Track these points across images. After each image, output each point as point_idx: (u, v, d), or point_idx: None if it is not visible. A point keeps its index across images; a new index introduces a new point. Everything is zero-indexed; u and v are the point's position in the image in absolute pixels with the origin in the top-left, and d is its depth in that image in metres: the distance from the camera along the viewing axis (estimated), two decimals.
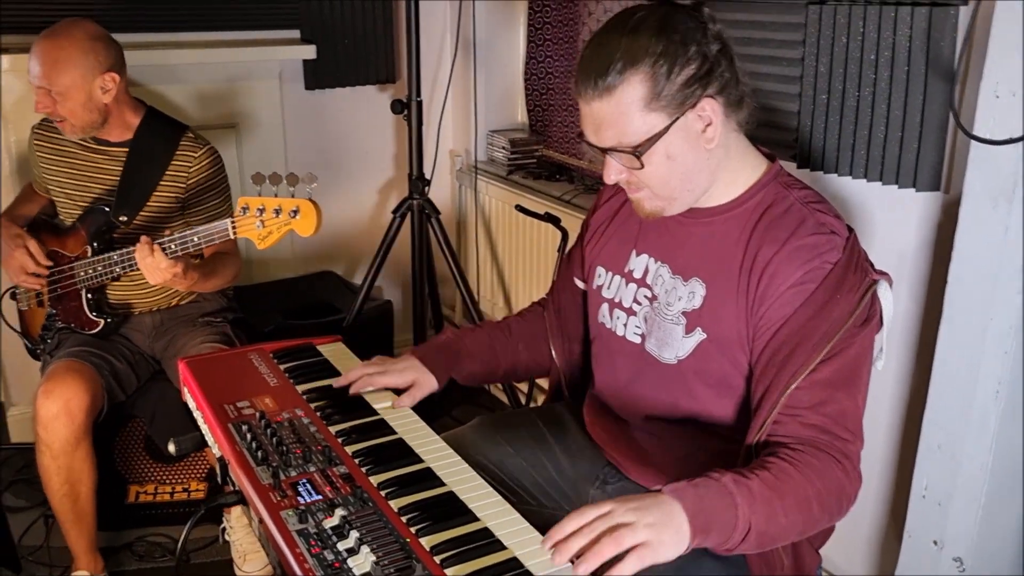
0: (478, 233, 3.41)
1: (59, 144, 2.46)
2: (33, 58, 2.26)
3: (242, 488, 1.41)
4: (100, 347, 2.43)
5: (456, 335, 1.82)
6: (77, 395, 2.25)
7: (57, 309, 2.47)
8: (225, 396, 1.64)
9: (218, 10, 3.05)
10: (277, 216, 2.03)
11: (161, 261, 2.11)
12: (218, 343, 2.42)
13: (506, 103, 3.45)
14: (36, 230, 2.47)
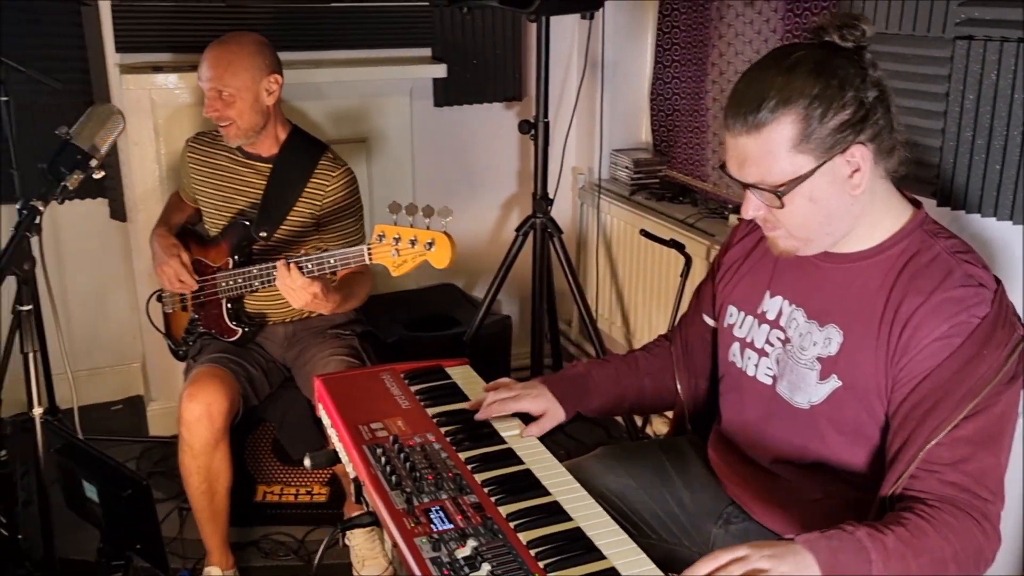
0: (598, 252, 3.42)
1: (210, 156, 2.60)
2: (206, 63, 2.42)
3: (376, 511, 1.47)
4: (238, 354, 2.56)
5: (585, 368, 1.84)
6: (217, 400, 2.37)
7: (199, 315, 2.61)
8: (360, 416, 1.70)
9: (355, 30, 3.16)
10: (412, 247, 2.08)
11: (297, 279, 2.18)
12: (346, 356, 2.51)
13: (630, 122, 3.45)
14: (183, 239, 2.62)
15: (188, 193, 2.72)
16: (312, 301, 2.24)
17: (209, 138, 2.63)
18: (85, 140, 1.78)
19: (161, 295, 2.75)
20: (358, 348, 2.58)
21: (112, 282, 3.34)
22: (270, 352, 2.65)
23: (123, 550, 1.67)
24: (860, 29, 1.40)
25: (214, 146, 2.60)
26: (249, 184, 2.57)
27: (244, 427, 2.71)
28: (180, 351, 2.73)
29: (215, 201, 2.61)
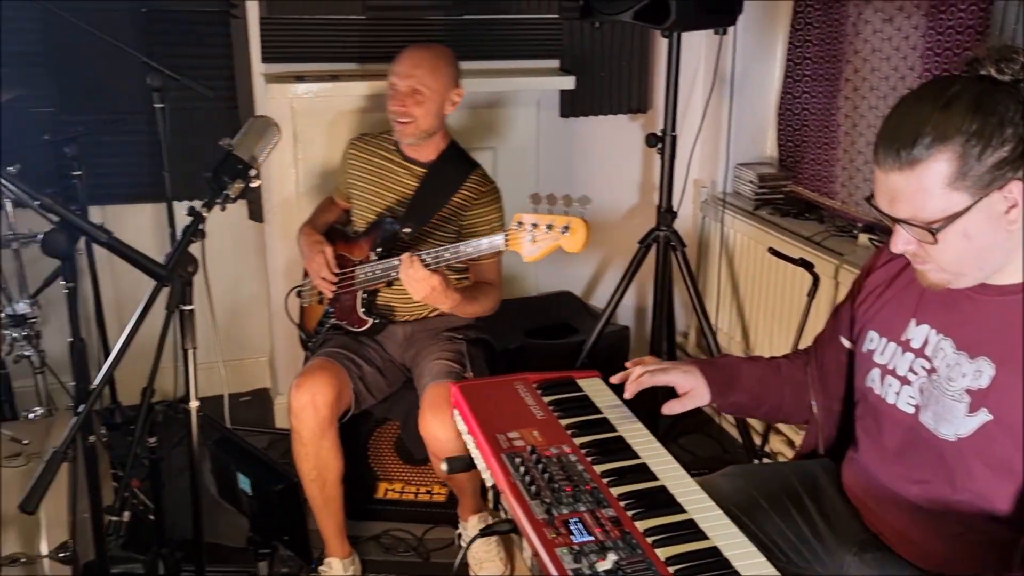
0: (720, 265, 3.40)
1: (371, 155, 2.74)
2: (408, 61, 2.57)
3: (516, 519, 1.52)
4: (355, 351, 2.65)
5: (736, 362, 1.85)
6: (323, 391, 2.47)
7: (334, 307, 2.72)
8: (496, 425, 1.75)
9: (487, 42, 3.24)
10: (548, 231, 2.16)
11: (419, 270, 2.31)
12: (450, 361, 2.57)
13: (756, 136, 3.42)
14: (330, 237, 2.75)
15: (343, 192, 2.84)
16: (431, 294, 2.35)
17: (372, 139, 2.77)
18: (245, 151, 1.88)
19: (300, 290, 2.87)
20: (464, 353, 2.63)
21: (245, 279, 3.50)
22: (390, 352, 2.74)
23: (270, 540, 1.76)
24: (1018, 62, 1.36)
25: (376, 146, 2.74)
26: (402, 184, 2.69)
27: (367, 426, 2.82)
28: (310, 342, 2.85)
29: (367, 196, 2.73)
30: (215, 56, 3.24)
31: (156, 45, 3.12)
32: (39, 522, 2.07)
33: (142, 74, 2.93)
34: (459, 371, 2.54)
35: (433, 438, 2.43)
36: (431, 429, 2.42)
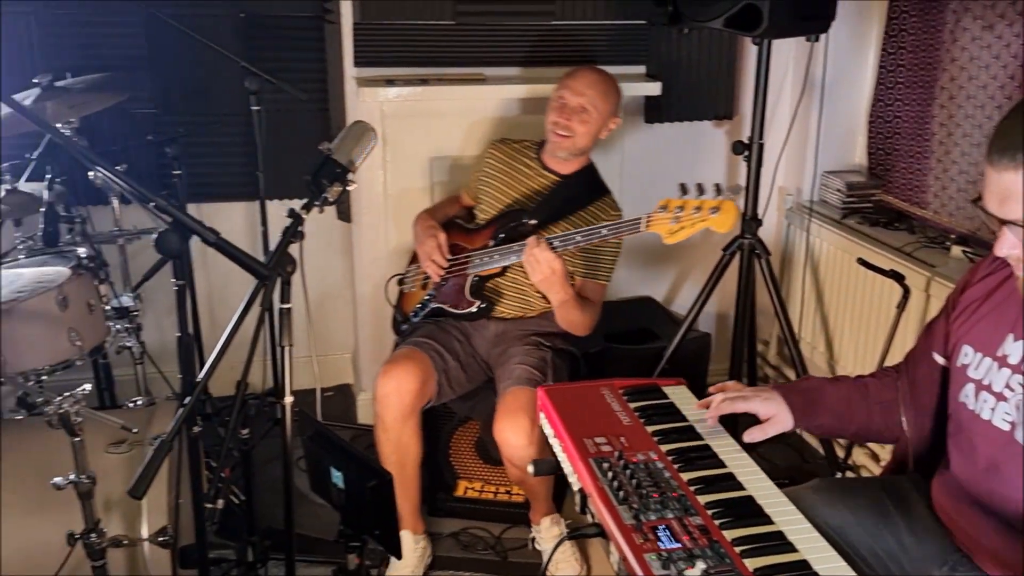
0: (805, 274, 3.36)
1: (511, 159, 2.83)
2: (584, 80, 2.67)
3: (603, 524, 1.54)
4: (442, 343, 2.71)
5: (818, 383, 1.85)
6: (408, 379, 2.56)
7: (437, 292, 2.79)
8: (584, 430, 1.77)
9: (574, 47, 3.26)
10: (696, 213, 2.28)
11: (545, 251, 2.42)
12: (533, 368, 2.61)
13: (844, 144, 3.37)
14: (446, 228, 2.82)
15: (472, 190, 2.92)
16: (550, 277, 2.45)
17: (514, 143, 2.87)
18: (343, 155, 1.93)
19: (403, 279, 2.95)
20: (548, 362, 2.66)
21: (331, 277, 3.58)
22: (476, 347, 2.79)
23: (361, 533, 1.82)
24: None
25: (517, 151, 2.84)
26: (534, 190, 2.77)
27: (450, 425, 2.87)
28: (403, 326, 2.91)
29: (496, 194, 2.80)
30: (308, 60, 3.33)
31: (253, 49, 3.22)
32: (141, 507, 2.17)
33: (239, 77, 3.03)
34: (540, 379, 2.58)
35: (505, 443, 2.47)
36: (504, 434, 2.46)
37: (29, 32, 3.15)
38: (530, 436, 2.43)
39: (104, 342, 2.55)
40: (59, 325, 2.37)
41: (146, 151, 3.23)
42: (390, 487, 1.68)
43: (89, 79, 2.74)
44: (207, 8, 3.21)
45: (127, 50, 3.24)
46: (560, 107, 2.67)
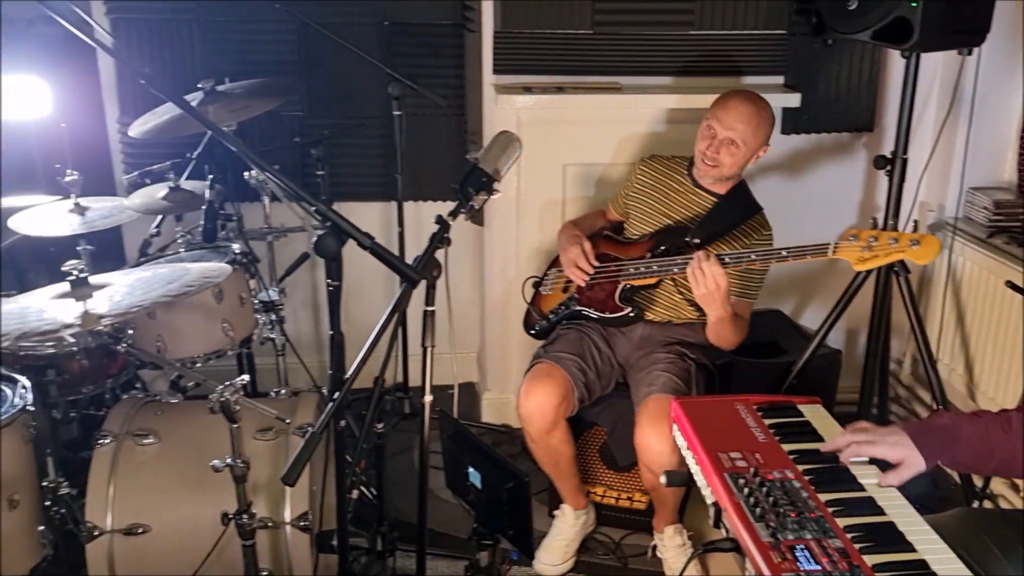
0: (945, 293, 3.25)
1: (662, 176, 2.84)
2: (736, 113, 2.63)
3: (740, 540, 1.55)
4: (579, 353, 2.73)
5: (953, 421, 1.79)
6: (549, 399, 2.61)
7: (582, 295, 2.82)
8: (718, 444, 1.78)
9: (712, 57, 3.24)
10: (893, 244, 2.30)
11: (714, 265, 2.43)
12: (677, 378, 2.61)
13: (993, 160, 3.24)
14: (594, 238, 2.86)
15: (619, 206, 2.94)
16: (713, 292, 2.46)
17: (664, 160, 2.88)
18: (489, 164, 1.99)
19: (539, 281, 3.00)
20: (691, 374, 2.67)
21: (460, 278, 3.67)
22: (616, 350, 2.81)
23: (494, 533, 1.88)
24: None
25: (668, 168, 2.85)
26: (689, 208, 2.77)
27: (576, 429, 2.90)
28: (537, 326, 2.96)
29: (649, 212, 2.82)
30: (447, 67, 3.43)
31: (395, 56, 3.34)
32: (284, 492, 2.29)
33: (382, 83, 3.15)
34: (684, 390, 2.60)
35: (647, 448, 2.49)
36: (647, 440, 2.48)
37: (191, 38, 3.36)
38: (673, 444, 2.43)
39: (253, 334, 2.70)
40: (215, 317, 2.53)
41: (292, 152, 3.39)
42: (527, 490, 1.73)
43: (247, 84, 2.90)
44: (354, 16, 3.35)
45: (279, 56, 3.40)
46: (709, 136, 2.66)
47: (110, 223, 2.70)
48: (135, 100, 3.43)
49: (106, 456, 2.31)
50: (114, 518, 2.26)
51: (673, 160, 2.87)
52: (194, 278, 1.96)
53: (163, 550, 2.26)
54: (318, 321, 3.78)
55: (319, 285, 3.70)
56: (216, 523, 2.16)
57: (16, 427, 2.18)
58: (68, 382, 2.55)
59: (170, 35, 3.36)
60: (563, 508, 2.84)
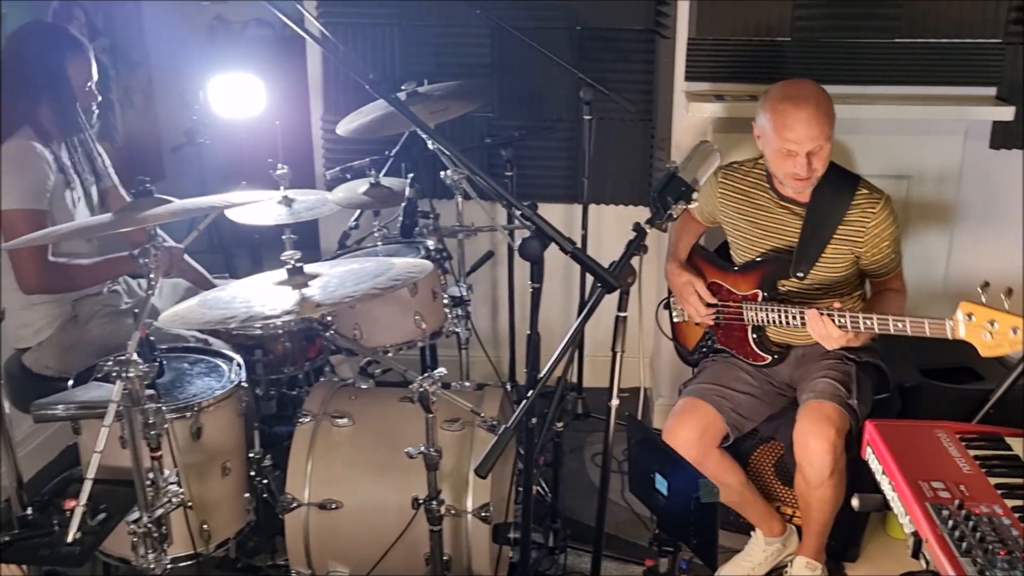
0: None
1: (744, 188, 2.70)
2: (805, 124, 2.41)
3: (942, 573, 1.50)
4: (727, 383, 2.68)
5: None
6: (693, 433, 2.58)
7: (717, 334, 2.79)
8: (919, 471, 1.73)
9: (916, 66, 3.11)
10: (1015, 334, 2.02)
11: (833, 331, 2.35)
12: (837, 382, 2.53)
13: None
14: (702, 259, 2.82)
15: (705, 213, 2.84)
16: (835, 343, 2.39)
17: (743, 168, 2.73)
18: (688, 173, 2.00)
19: (669, 303, 2.97)
20: (852, 377, 2.57)
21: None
22: (774, 375, 2.74)
23: (677, 540, 1.89)
24: None
25: (747, 180, 2.70)
26: (784, 225, 2.64)
27: (751, 443, 2.86)
28: (692, 358, 2.94)
29: (745, 234, 2.71)
30: (637, 72, 3.45)
31: (586, 60, 3.38)
32: (467, 483, 2.38)
33: (573, 86, 3.20)
34: (844, 395, 2.51)
35: (804, 446, 2.44)
36: (805, 437, 2.43)
37: (392, 40, 3.52)
38: (833, 446, 2.39)
39: (442, 327, 2.81)
40: (408, 309, 2.66)
41: (481, 152, 3.50)
42: (716, 500, 1.73)
43: (445, 86, 3.02)
44: (547, 21, 3.42)
45: (472, 58, 3.52)
46: (792, 157, 2.46)
47: (313, 215, 2.87)
48: (338, 99, 3.64)
49: (306, 434, 2.46)
50: (310, 492, 2.41)
51: (751, 171, 2.69)
52: (399, 273, 2.06)
53: (353, 526, 2.40)
54: (495, 317, 3.89)
55: (499, 282, 3.80)
56: (404, 506, 2.27)
57: (232, 401, 2.36)
58: (272, 362, 2.74)
59: (373, 38, 3.54)
60: (756, 532, 2.81)
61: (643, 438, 1.92)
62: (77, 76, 2.70)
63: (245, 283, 2.11)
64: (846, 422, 2.45)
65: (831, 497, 2.48)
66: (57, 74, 2.67)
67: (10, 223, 2.54)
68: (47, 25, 3.23)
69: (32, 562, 2.03)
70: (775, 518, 2.79)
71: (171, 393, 2.32)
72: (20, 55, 2.70)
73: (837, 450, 2.40)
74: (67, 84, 2.68)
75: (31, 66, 2.66)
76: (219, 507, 2.36)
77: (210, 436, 2.30)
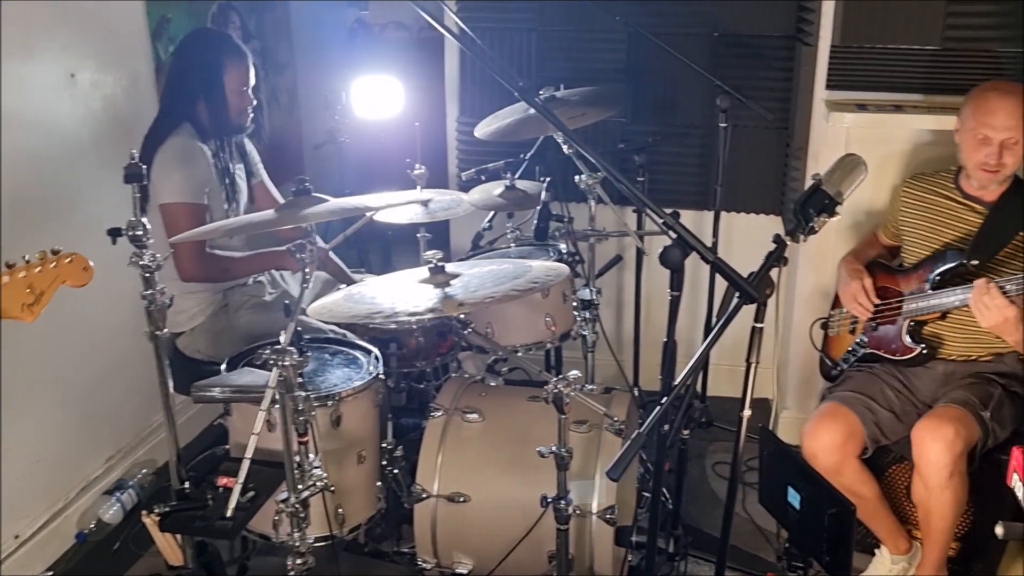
0: None
1: (927, 195, 2.74)
2: (1002, 112, 2.49)
3: None
4: (871, 394, 2.65)
5: None
6: (832, 437, 2.55)
7: (869, 337, 2.75)
8: None
9: None
10: None
11: (996, 297, 2.31)
12: (972, 395, 2.47)
13: None
14: (870, 269, 2.80)
15: (890, 230, 2.87)
16: (1002, 324, 2.33)
17: (928, 178, 2.77)
18: (833, 186, 1.97)
19: (827, 322, 2.94)
20: (993, 396, 2.51)
21: None
22: (917, 390, 2.69)
23: (808, 555, 1.87)
24: None
25: (933, 185, 2.74)
26: (962, 221, 2.65)
27: (885, 460, 2.79)
28: (833, 371, 2.90)
29: (921, 234, 2.73)
30: (775, 80, 3.41)
31: (721, 67, 3.36)
32: (593, 484, 2.41)
33: (705, 93, 3.19)
34: (977, 405, 2.45)
35: (920, 441, 2.40)
36: (921, 433, 2.41)
37: (529, 45, 3.58)
38: (951, 445, 2.35)
39: (571, 329, 2.85)
40: (539, 310, 2.71)
41: (613, 157, 3.52)
42: (851, 518, 1.71)
43: (582, 92, 3.05)
44: (685, 27, 3.41)
45: (607, 64, 3.55)
46: (983, 142, 2.51)
47: (448, 215, 2.96)
48: (473, 101, 3.73)
49: (437, 427, 2.55)
50: (440, 484, 2.49)
51: (938, 175, 2.74)
52: (537, 276, 2.10)
53: (479, 520, 2.46)
54: (619, 321, 3.91)
55: (624, 286, 3.81)
56: (530, 503, 2.31)
57: (369, 392, 2.46)
58: (405, 356, 2.84)
59: (510, 42, 3.61)
60: (881, 549, 2.76)
61: (775, 449, 1.90)
62: (232, 80, 2.86)
63: (388, 280, 2.20)
64: (972, 431, 2.41)
65: (951, 502, 2.42)
66: (214, 77, 2.83)
67: (172, 216, 2.71)
68: (214, 32, 3.43)
69: (188, 532, 2.17)
70: (903, 535, 2.73)
71: (313, 382, 2.44)
72: (185, 57, 2.88)
73: (955, 450, 2.35)
74: (221, 87, 2.84)
75: (193, 68, 2.84)
76: (354, 493, 2.46)
77: (348, 425, 2.40)
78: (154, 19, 3.28)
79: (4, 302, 1.58)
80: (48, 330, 2.89)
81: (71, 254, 1.73)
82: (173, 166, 2.73)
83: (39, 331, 2.83)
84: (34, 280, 1.64)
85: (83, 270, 1.74)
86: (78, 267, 1.72)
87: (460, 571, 2.51)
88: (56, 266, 1.69)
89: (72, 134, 2.95)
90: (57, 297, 2.85)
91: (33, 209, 2.78)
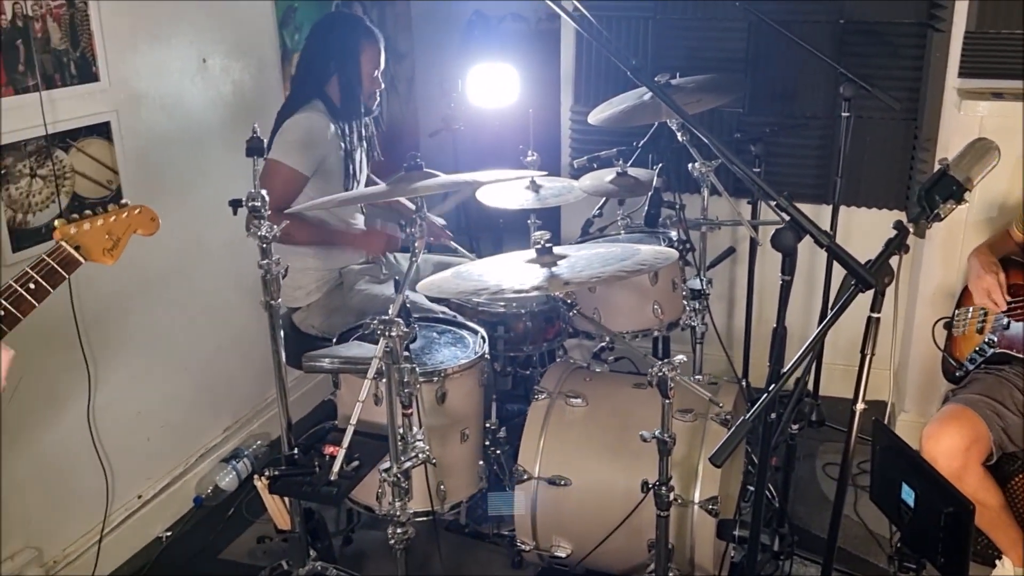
0: None
1: None
2: None
3: None
4: (998, 397, 2.51)
5: None
6: (955, 441, 2.41)
7: (999, 336, 2.62)
8: None
9: None
10: None
11: None
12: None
13: None
14: (1003, 265, 2.66)
15: (1021, 223, 2.72)
16: None
17: None
18: (961, 172, 1.87)
19: (950, 322, 2.81)
20: None
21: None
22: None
23: (922, 556, 1.79)
24: None
25: None
26: None
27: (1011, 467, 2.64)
28: (957, 372, 2.76)
29: None
30: (903, 68, 3.27)
31: (846, 56, 3.24)
32: (696, 473, 2.37)
33: (830, 82, 3.08)
34: None
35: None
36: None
37: (647, 34, 3.54)
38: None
39: (679, 318, 2.80)
40: (647, 297, 2.68)
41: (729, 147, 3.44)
42: (970, 518, 1.63)
43: (698, 79, 3.00)
44: (810, 15, 3.32)
45: (726, 53, 3.48)
46: None
47: (559, 201, 2.96)
48: (587, 90, 3.72)
49: (540, 410, 2.55)
50: (541, 467, 2.49)
51: None
52: (645, 258, 2.08)
53: (579, 504, 2.45)
54: (731, 315, 3.82)
55: (737, 280, 3.73)
56: (631, 489, 2.28)
57: (475, 371, 2.48)
58: (512, 339, 2.85)
59: (627, 31, 3.58)
60: (1003, 560, 2.60)
61: (890, 445, 1.83)
62: (367, 63, 2.94)
63: (496, 260, 2.22)
64: None
65: None
66: (350, 58, 2.91)
67: (270, 171, 2.74)
68: (351, 15, 3.52)
69: (296, 496, 2.24)
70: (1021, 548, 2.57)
71: (420, 358, 2.48)
72: (322, 37, 2.97)
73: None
74: (357, 67, 2.92)
75: (330, 48, 2.92)
76: (456, 470, 2.49)
77: (453, 402, 2.43)
78: (281, 8, 3.40)
79: (87, 247, 1.75)
80: (179, 305, 3.05)
81: (139, 206, 1.87)
82: (295, 133, 2.81)
83: (172, 306, 3.01)
84: (111, 227, 1.80)
85: (151, 220, 1.88)
86: (146, 217, 1.87)
87: (559, 554, 2.51)
88: (128, 216, 1.83)
89: (202, 115, 3.09)
90: (188, 273, 3.03)
91: (164, 184, 2.92)
